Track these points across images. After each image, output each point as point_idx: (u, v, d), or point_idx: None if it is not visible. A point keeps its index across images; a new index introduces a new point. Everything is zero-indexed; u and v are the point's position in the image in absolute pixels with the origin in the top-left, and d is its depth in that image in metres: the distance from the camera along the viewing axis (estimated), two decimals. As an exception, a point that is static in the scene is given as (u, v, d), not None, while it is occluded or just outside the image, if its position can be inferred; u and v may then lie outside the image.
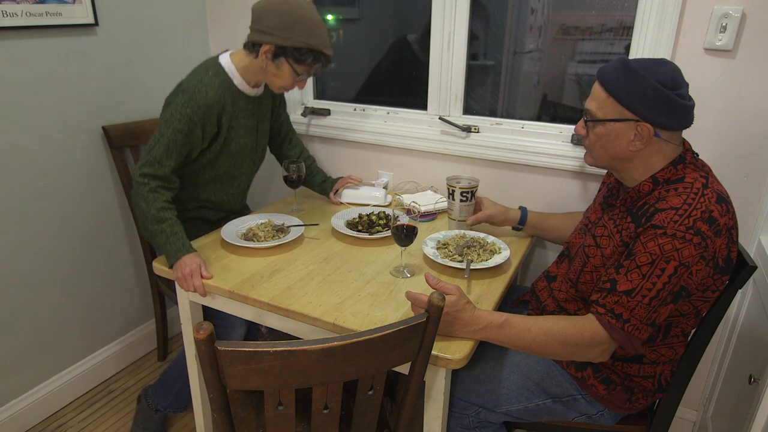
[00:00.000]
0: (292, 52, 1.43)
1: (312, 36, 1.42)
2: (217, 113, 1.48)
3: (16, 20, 1.59)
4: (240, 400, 1.06)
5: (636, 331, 1.06)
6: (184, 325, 1.53)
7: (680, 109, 1.06)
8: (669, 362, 1.23)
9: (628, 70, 1.07)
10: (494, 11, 1.87)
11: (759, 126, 1.47)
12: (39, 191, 1.76)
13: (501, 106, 1.95)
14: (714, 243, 1.03)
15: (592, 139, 1.17)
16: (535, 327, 1.11)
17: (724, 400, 1.57)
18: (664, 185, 1.11)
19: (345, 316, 1.20)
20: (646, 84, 1.05)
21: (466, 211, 1.62)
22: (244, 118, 1.59)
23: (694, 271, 1.03)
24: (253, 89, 1.59)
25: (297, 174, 1.76)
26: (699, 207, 1.03)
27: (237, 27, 2.21)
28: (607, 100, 1.11)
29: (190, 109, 1.42)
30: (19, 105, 1.66)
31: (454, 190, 1.60)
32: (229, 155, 1.60)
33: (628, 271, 1.07)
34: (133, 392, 2.06)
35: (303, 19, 1.41)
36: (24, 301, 1.79)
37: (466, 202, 1.61)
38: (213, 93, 1.45)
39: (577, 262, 1.26)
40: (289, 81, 1.49)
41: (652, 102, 1.06)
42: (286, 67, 1.46)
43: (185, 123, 1.43)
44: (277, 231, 1.58)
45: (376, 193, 1.89)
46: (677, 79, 1.07)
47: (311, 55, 1.44)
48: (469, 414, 1.29)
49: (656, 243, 1.03)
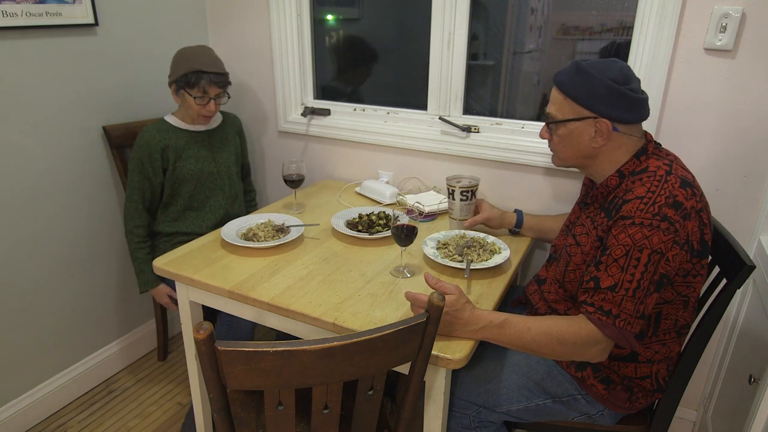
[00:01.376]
0: (180, 80, 1.71)
1: (191, 62, 1.70)
2: (160, 149, 1.76)
3: (16, 20, 1.59)
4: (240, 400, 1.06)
5: (628, 326, 1.07)
6: (184, 325, 1.53)
7: (633, 102, 1.12)
8: (664, 360, 1.23)
9: (581, 72, 1.14)
10: (494, 11, 1.86)
11: (759, 126, 1.48)
12: (39, 191, 1.76)
13: (501, 106, 1.95)
14: (684, 227, 1.05)
15: (556, 141, 1.24)
16: (534, 326, 1.12)
17: (724, 400, 1.57)
18: (630, 177, 1.15)
19: (345, 316, 1.20)
20: (598, 82, 1.12)
21: (467, 211, 1.63)
22: (193, 149, 1.83)
23: (670, 257, 1.05)
24: (195, 125, 1.84)
25: (297, 174, 1.76)
26: (663, 193, 1.06)
27: (237, 27, 2.21)
28: (564, 102, 1.18)
29: (137, 152, 1.75)
30: (19, 105, 1.66)
31: (454, 189, 1.60)
32: (186, 181, 1.82)
33: (607, 266, 1.08)
34: (133, 392, 2.06)
35: (185, 54, 1.73)
36: (24, 301, 1.79)
37: (466, 201, 1.61)
38: (149, 135, 1.75)
39: (562, 262, 1.28)
40: (195, 107, 1.75)
41: (605, 98, 1.12)
42: (187, 96, 1.74)
43: (136, 163, 1.76)
44: (277, 231, 1.58)
45: (387, 191, 1.90)
46: (627, 75, 1.14)
47: (194, 75, 1.69)
48: (470, 414, 1.29)
49: (627, 234, 1.06)
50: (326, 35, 2.22)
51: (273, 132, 2.31)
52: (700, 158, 1.57)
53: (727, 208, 1.57)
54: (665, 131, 1.59)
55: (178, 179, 1.80)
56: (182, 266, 1.42)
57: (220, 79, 1.74)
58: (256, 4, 2.13)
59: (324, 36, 2.21)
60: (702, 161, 1.57)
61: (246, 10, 2.16)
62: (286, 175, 1.76)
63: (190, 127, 1.83)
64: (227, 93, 1.80)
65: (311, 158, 2.26)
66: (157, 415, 1.95)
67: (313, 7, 2.12)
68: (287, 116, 2.23)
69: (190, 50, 1.74)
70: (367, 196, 1.96)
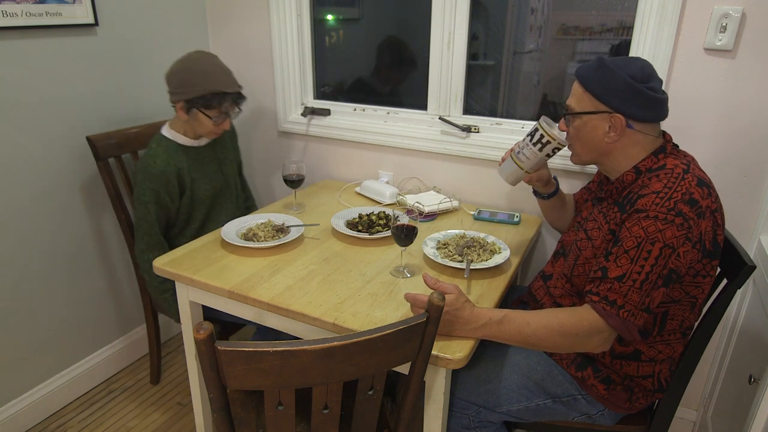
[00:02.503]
0: (197, 101, 1.58)
1: (210, 81, 1.57)
2: (175, 174, 1.64)
3: (16, 20, 1.59)
4: (240, 400, 1.06)
5: (632, 317, 1.07)
6: (184, 325, 1.53)
7: (650, 100, 1.12)
8: (667, 360, 1.23)
9: (602, 67, 1.15)
10: (494, 11, 1.86)
11: (759, 126, 1.48)
12: (40, 190, 1.76)
13: (501, 106, 1.95)
14: (698, 225, 1.05)
15: (572, 133, 1.24)
16: (534, 320, 1.12)
17: (724, 400, 1.57)
18: (646, 174, 1.16)
19: (345, 316, 1.20)
20: (618, 78, 1.13)
21: (537, 163, 1.37)
22: (204, 165, 1.74)
23: (681, 252, 1.05)
24: (199, 140, 1.73)
25: (297, 174, 1.76)
26: (679, 189, 1.07)
27: (237, 27, 2.21)
28: (583, 95, 1.19)
29: (150, 182, 1.60)
30: (19, 105, 1.66)
31: (546, 140, 1.31)
32: (201, 203, 1.74)
33: (617, 257, 1.08)
34: (133, 392, 2.06)
35: (197, 70, 1.57)
36: (24, 301, 1.79)
37: (547, 155, 1.34)
38: (161, 161, 1.61)
39: (571, 257, 1.28)
40: (209, 127, 1.64)
41: (622, 94, 1.13)
42: (201, 116, 1.61)
43: (150, 194, 1.60)
44: (277, 231, 1.58)
45: (387, 191, 1.90)
46: (648, 72, 1.14)
47: (215, 98, 1.58)
48: (470, 414, 1.29)
49: (640, 226, 1.06)
50: (326, 35, 2.22)
51: (273, 132, 2.31)
52: (700, 158, 1.57)
53: (727, 208, 1.57)
54: (665, 131, 1.59)
55: (195, 202, 1.73)
56: (182, 266, 1.42)
57: (240, 98, 1.65)
58: (256, 5, 2.13)
59: (324, 36, 2.21)
60: (702, 161, 1.57)
61: (246, 11, 2.16)
62: (286, 175, 1.76)
63: (194, 143, 1.72)
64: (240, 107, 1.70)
65: (311, 158, 2.26)
66: (157, 415, 1.95)
67: (313, 7, 2.13)
68: (287, 116, 2.23)
69: (201, 65, 1.59)
70: (367, 196, 1.96)
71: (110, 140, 1.81)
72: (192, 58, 1.60)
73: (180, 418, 1.93)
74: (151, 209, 1.62)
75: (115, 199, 1.83)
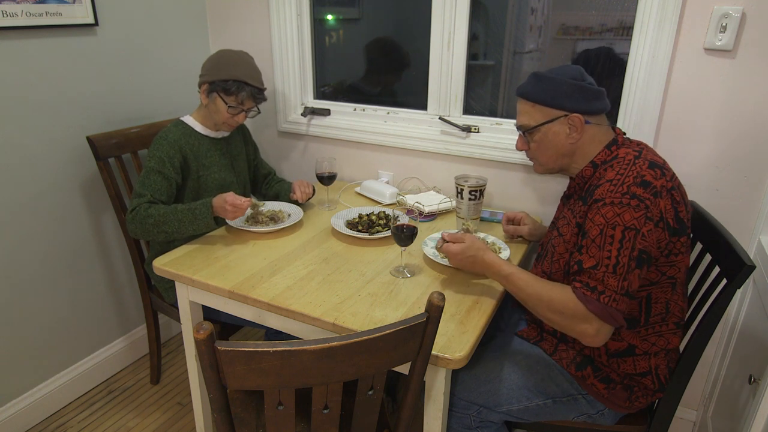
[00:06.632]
0: (219, 84, 1.64)
1: (235, 69, 1.64)
2: (180, 149, 1.66)
3: (16, 20, 1.59)
4: (240, 400, 1.06)
5: (613, 303, 1.08)
6: (184, 325, 1.53)
7: (595, 93, 1.23)
8: (662, 352, 1.23)
9: (542, 79, 1.24)
10: (494, 11, 1.86)
11: (759, 126, 1.48)
12: (40, 190, 1.76)
13: (501, 106, 1.95)
14: (656, 204, 1.09)
15: (534, 148, 1.31)
16: (531, 287, 1.18)
17: (724, 400, 1.57)
18: (602, 166, 1.23)
19: (345, 316, 1.20)
20: (560, 82, 1.22)
21: (474, 210, 1.64)
22: (215, 156, 1.77)
23: (645, 232, 1.08)
24: (216, 132, 1.78)
25: (329, 171, 1.81)
26: (631, 174, 1.12)
27: (237, 27, 2.21)
28: (533, 109, 1.26)
29: (157, 151, 1.63)
30: (19, 105, 1.66)
31: (463, 189, 1.61)
32: (209, 191, 1.74)
33: (587, 249, 1.12)
34: (133, 392, 2.06)
35: (229, 59, 1.67)
36: (24, 302, 1.79)
37: (474, 201, 1.62)
38: (173, 135, 1.67)
39: (548, 256, 1.32)
40: (224, 115, 1.68)
41: (570, 94, 1.22)
42: (219, 101, 1.66)
43: (156, 161, 1.62)
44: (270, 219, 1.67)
45: (387, 191, 1.90)
46: (582, 72, 1.25)
47: (235, 84, 1.64)
48: (470, 414, 1.30)
49: (600, 214, 1.11)
50: (326, 35, 2.22)
51: (273, 132, 2.31)
52: (700, 158, 1.57)
53: (727, 208, 1.57)
54: (665, 131, 1.59)
55: (202, 187, 1.73)
56: (182, 266, 1.42)
57: (260, 94, 1.70)
58: (256, 5, 2.13)
59: (324, 36, 2.21)
60: (702, 161, 1.57)
61: (246, 10, 2.16)
62: (319, 173, 1.80)
63: (210, 133, 1.75)
64: (258, 108, 1.75)
65: (311, 158, 2.26)
66: (157, 415, 1.95)
67: (313, 7, 2.13)
68: (287, 116, 2.23)
69: (234, 55, 1.67)
70: (367, 196, 1.96)
71: (110, 140, 1.82)
72: (228, 51, 1.70)
73: (180, 418, 1.93)
74: (152, 177, 1.60)
75: (115, 199, 1.83)
